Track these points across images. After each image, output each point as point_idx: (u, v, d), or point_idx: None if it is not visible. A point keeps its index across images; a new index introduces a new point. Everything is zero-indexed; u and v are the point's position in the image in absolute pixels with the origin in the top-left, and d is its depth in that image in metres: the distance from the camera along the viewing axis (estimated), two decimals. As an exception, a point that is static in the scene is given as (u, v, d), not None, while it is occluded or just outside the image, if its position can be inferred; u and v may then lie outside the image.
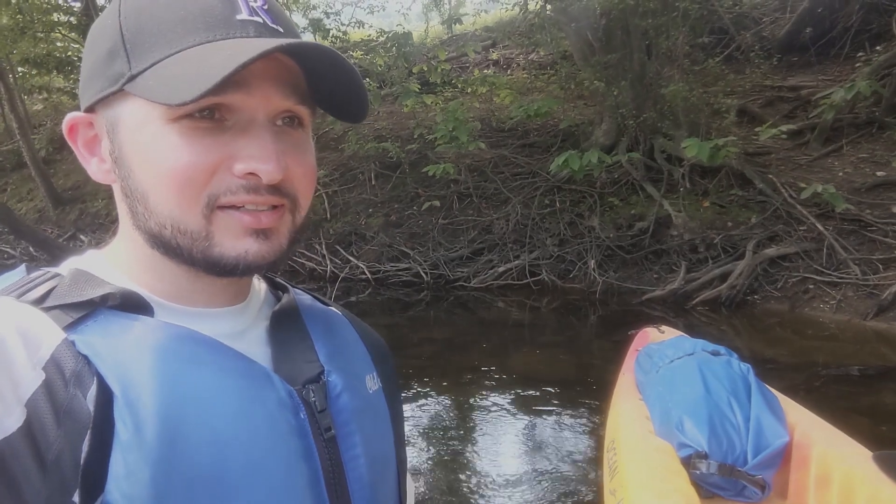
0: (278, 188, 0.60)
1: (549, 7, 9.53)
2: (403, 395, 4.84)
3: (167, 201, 0.58)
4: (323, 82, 0.62)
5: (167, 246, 0.60)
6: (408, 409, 4.68)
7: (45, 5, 10.10)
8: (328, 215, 9.22)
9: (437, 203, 8.65)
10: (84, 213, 11.30)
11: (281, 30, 0.60)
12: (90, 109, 0.62)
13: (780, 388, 2.80)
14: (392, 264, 8.35)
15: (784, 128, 7.66)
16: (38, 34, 10.30)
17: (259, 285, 0.74)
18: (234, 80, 0.55)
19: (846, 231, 6.80)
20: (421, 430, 4.38)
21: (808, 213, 6.98)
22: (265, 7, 0.60)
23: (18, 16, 9.28)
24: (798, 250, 6.80)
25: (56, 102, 13.62)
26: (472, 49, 11.62)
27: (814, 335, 5.85)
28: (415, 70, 10.20)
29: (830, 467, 2.24)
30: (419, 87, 10.02)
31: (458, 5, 16.11)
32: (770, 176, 7.59)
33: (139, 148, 0.58)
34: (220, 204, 0.58)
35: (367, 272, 8.26)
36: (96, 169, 0.64)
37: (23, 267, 0.63)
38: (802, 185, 7.03)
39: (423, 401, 4.84)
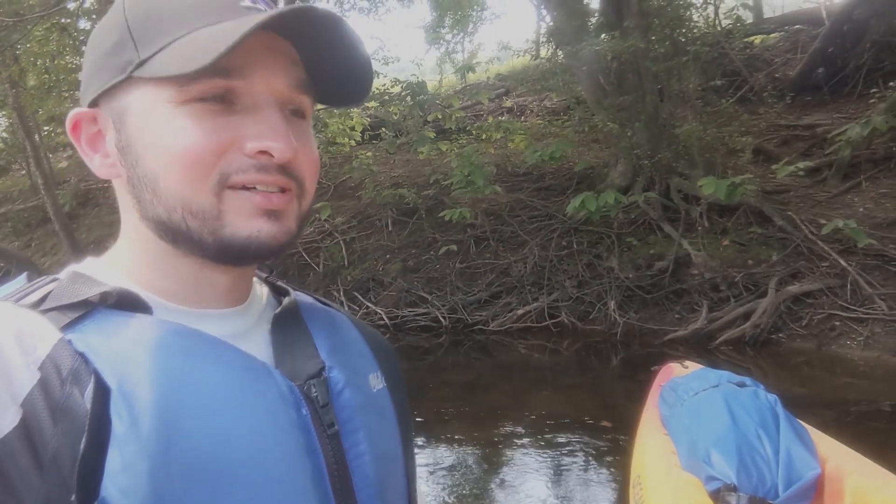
0: (287, 170, 0.60)
1: (560, 53, 9.68)
2: (425, 437, 4.79)
3: (177, 182, 0.58)
4: (323, 66, 0.63)
5: (176, 231, 0.60)
6: (430, 451, 4.62)
7: (70, 65, 10.43)
8: (346, 262, 9.26)
9: (455, 247, 8.65)
10: (106, 266, 11.44)
11: None
12: (94, 104, 0.63)
13: (810, 424, 2.71)
14: (410, 309, 8.31)
15: (801, 165, 7.61)
16: (64, 93, 10.61)
17: (261, 290, 0.74)
18: (238, 67, 0.57)
19: (870, 266, 6.69)
20: (443, 473, 4.30)
21: (831, 250, 6.88)
22: None
23: (45, 76, 9.58)
24: (822, 287, 6.68)
25: (80, 160, 13.91)
26: (486, 96, 11.78)
27: (843, 373, 5.71)
28: (430, 118, 10.33)
29: (865, 499, 2.16)
30: (434, 134, 10.14)
31: (471, 56, 16.42)
32: (789, 213, 7.53)
33: (148, 132, 0.59)
34: (231, 184, 0.58)
35: (385, 318, 8.23)
36: (99, 164, 0.64)
37: (24, 275, 0.63)
38: (823, 221, 6.96)
39: (444, 444, 4.76)
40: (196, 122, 0.57)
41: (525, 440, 4.71)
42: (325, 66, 0.63)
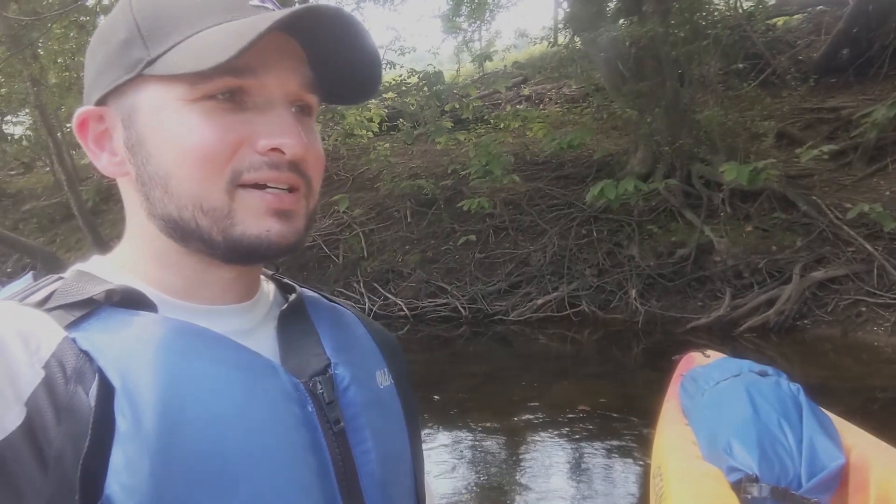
0: (297, 168, 0.61)
1: (577, 40, 9.58)
2: (445, 427, 4.80)
3: (190, 179, 0.58)
4: (331, 64, 0.64)
5: (185, 229, 0.60)
6: (449, 441, 4.62)
7: (90, 62, 10.50)
8: (365, 254, 9.27)
9: (473, 237, 8.63)
10: (129, 260, 11.57)
11: None
12: (101, 103, 0.63)
13: (835, 412, 2.66)
14: (430, 300, 8.31)
15: (826, 148, 7.49)
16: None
17: (268, 287, 0.74)
18: (249, 66, 0.57)
19: (897, 251, 6.57)
20: (463, 463, 4.30)
21: (856, 234, 6.77)
22: None
23: (65, 73, 9.66)
24: (847, 272, 6.58)
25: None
26: (504, 85, 11.70)
27: (869, 359, 5.62)
28: (447, 108, 10.28)
29: (891, 489, 2.11)
30: (452, 124, 10.10)
31: (488, 45, 16.31)
32: (814, 198, 7.41)
33: (159, 130, 0.59)
34: (243, 182, 0.59)
35: (405, 309, 8.24)
36: (107, 163, 0.64)
37: (30, 274, 0.63)
38: (848, 205, 6.84)
39: (464, 434, 4.76)
40: (208, 119, 0.58)
41: (545, 430, 4.70)
42: (333, 64, 0.64)
